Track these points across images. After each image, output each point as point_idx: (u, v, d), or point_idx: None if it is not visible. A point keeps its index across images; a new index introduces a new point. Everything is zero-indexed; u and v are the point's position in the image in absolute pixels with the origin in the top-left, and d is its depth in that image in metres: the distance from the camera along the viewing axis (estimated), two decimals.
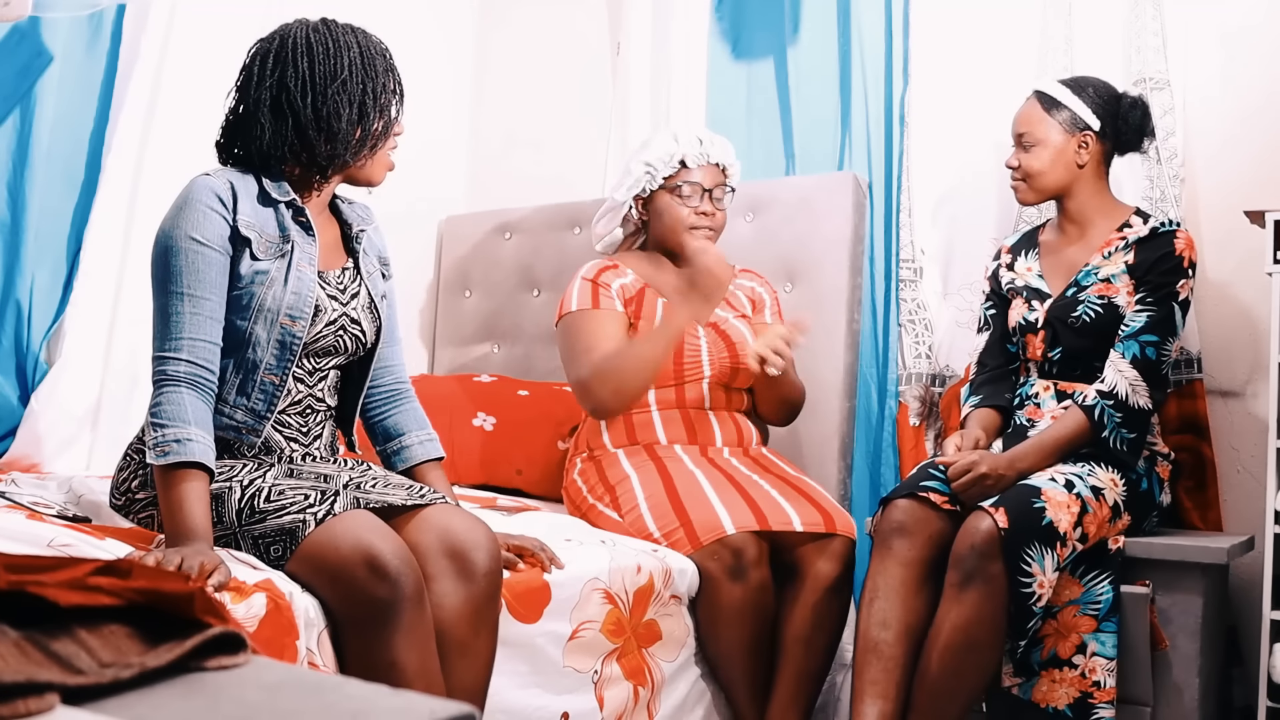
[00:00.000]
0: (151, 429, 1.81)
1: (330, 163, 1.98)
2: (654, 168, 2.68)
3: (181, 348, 1.85)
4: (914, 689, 2.22)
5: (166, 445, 1.79)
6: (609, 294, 2.66)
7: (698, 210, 2.67)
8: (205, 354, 1.87)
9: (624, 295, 2.67)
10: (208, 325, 1.87)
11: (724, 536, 2.32)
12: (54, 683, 0.77)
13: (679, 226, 2.68)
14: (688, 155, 2.67)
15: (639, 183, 2.70)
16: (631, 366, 2.52)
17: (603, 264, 2.73)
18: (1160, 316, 2.36)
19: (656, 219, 2.72)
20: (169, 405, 1.82)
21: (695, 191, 2.67)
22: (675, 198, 2.68)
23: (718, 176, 2.71)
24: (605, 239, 2.84)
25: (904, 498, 2.33)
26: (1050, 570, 2.15)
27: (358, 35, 1.99)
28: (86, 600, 0.89)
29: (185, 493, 1.78)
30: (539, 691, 2.05)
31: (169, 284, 1.87)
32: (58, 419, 2.81)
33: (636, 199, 2.74)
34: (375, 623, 1.71)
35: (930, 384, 3.00)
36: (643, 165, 2.69)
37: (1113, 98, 2.49)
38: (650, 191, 2.71)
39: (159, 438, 1.80)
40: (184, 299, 1.86)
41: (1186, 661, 2.31)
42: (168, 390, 1.84)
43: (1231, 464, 2.70)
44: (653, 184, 2.69)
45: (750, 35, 3.41)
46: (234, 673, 0.90)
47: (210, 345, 1.88)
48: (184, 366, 1.84)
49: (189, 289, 1.86)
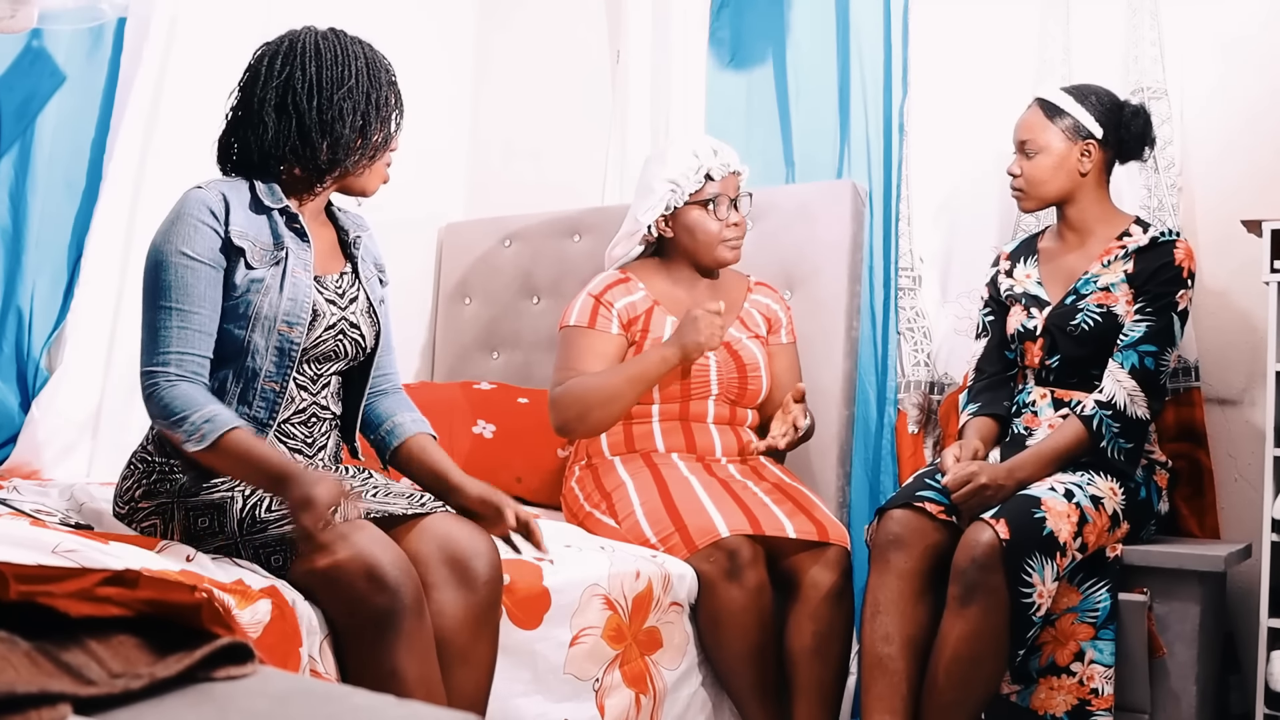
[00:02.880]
0: (174, 426, 1.81)
1: (330, 167, 1.98)
2: (678, 185, 2.66)
3: (169, 361, 1.85)
4: (922, 703, 2.24)
5: (199, 430, 1.80)
6: (609, 314, 2.66)
7: (728, 222, 2.67)
8: (194, 367, 1.87)
9: (628, 315, 2.67)
10: (196, 339, 1.87)
11: (718, 539, 2.33)
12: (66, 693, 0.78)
13: (714, 240, 2.68)
14: (711, 168, 2.66)
15: (663, 200, 2.67)
16: (596, 396, 2.56)
17: (614, 278, 2.73)
18: (1159, 327, 2.37)
19: (687, 235, 2.70)
20: (176, 399, 1.82)
21: (723, 203, 2.67)
22: (704, 212, 2.67)
23: (736, 184, 2.71)
24: (620, 261, 2.84)
25: (900, 508, 2.34)
26: (1050, 580, 2.16)
27: (364, 47, 2.01)
28: (96, 611, 0.90)
29: (247, 450, 1.80)
30: (540, 699, 2.06)
31: (157, 299, 1.88)
32: (58, 426, 2.81)
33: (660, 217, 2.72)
34: (375, 632, 1.72)
35: (929, 391, 3.01)
36: (667, 184, 2.66)
37: (1115, 106, 2.50)
38: (675, 208, 2.70)
39: (187, 428, 1.80)
40: (172, 313, 1.87)
41: (1184, 669, 2.32)
42: (164, 388, 1.84)
43: (1229, 472, 2.70)
44: (679, 201, 2.67)
45: (749, 43, 3.42)
46: (242, 683, 0.90)
47: (199, 359, 1.88)
48: (173, 375, 1.85)
49: (177, 303, 1.87)
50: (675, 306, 2.71)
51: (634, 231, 2.77)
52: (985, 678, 2.21)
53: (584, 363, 2.61)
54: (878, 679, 2.26)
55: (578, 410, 2.57)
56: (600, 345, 2.64)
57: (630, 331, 2.67)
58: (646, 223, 2.71)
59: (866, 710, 2.27)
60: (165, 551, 1.80)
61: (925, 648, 2.26)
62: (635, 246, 2.79)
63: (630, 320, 2.67)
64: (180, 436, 1.81)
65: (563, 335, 2.69)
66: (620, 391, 2.56)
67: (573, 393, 2.58)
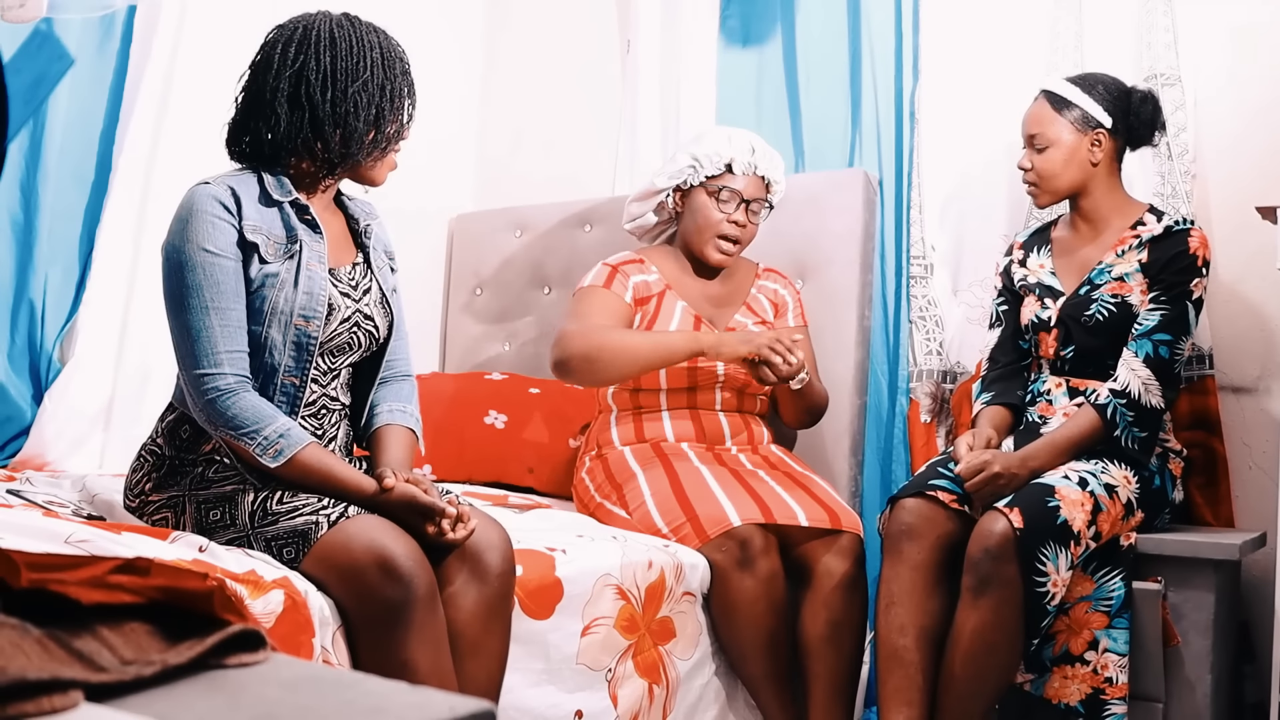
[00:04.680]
0: (244, 439, 1.82)
1: (343, 160, 1.97)
2: (699, 163, 2.65)
3: (221, 362, 1.84)
4: (939, 693, 2.23)
5: (274, 444, 1.81)
6: (624, 283, 2.67)
7: (730, 218, 2.65)
8: (243, 365, 1.87)
9: (641, 292, 2.67)
10: (238, 335, 1.87)
11: (730, 529, 2.32)
12: (78, 680, 0.77)
13: (708, 229, 2.66)
14: (736, 160, 2.64)
15: (681, 173, 2.67)
16: (613, 345, 2.50)
17: (630, 257, 2.73)
18: (1174, 315, 2.35)
19: (689, 215, 2.70)
20: (245, 410, 1.83)
21: (733, 199, 2.65)
22: (712, 199, 2.66)
23: (760, 190, 2.68)
24: (637, 220, 2.83)
25: (912, 497, 2.33)
26: (1064, 569, 2.15)
27: (379, 35, 1.98)
28: (107, 598, 0.90)
29: (317, 466, 1.83)
30: (552, 689, 2.05)
31: (189, 299, 1.85)
32: (70, 418, 2.81)
33: (675, 190, 2.72)
34: (388, 623, 1.71)
35: (941, 381, 3.00)
36: (689, 157, 2.66)
37: (1123, 93, 2.48)
38: (690, 186, 2.69)
39: (261, 442, 1.81)
40: (209, 312, 1.85)
41: (1199, 658, 2.31)
42: (229, 398, 1.83)
43: (1243, 460, 2.69)
44: (695, 179, 2.66)
45: (759, 32, 3.41)
46: (254, 670, 0.90)
47: (244, 355, 1.88)
48: (231, 378, 1.84)
49: (212, 302, 1.85)
50: (685, 293, 2.71)
51: (651, 193, 2.76)
52: (1000, 667, 2.20)
53: (595, 315, 2.60)
54: (893, 670, 2.26)
55: (587, 350, 2.49)
56: (613, 303, 2.63)
57: (642, 309, 2.66)
58: (660, 186, 2.71)
59: (883, 702, 2.27)
60: (178, 542, 1.80)
61: (940, 638, 2.26)
62: (650, 213, 2.79)
63: (643, 298, 2.67)
64: (252, 450, 1.82)
65: (576, 294, 2.70)
66: (636, 348, 2.50)
67: (590, 334, 2.52)
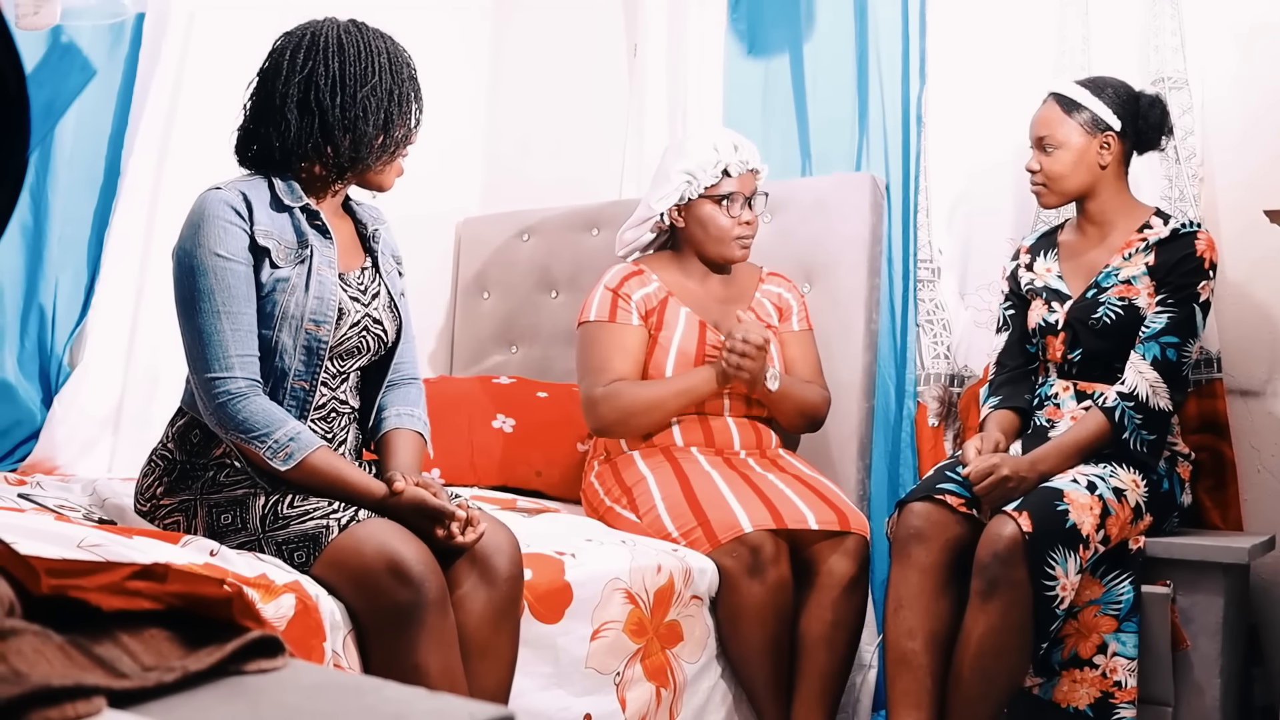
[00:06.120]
0: (254, 442, 1.83)
1: (352, 165, 1.98)
2: (695, 177, 2.65)
3: (233, 366, 1.85)
4: (948, 697, 2.24)
5: (284, 448, 1.83)
6: (628, 306, 2.66)
7: (740, 220, 2.67)
8: (254, 369, 1.88)
9: (645, 306, 2.67)
10: (249, 339, 1.88)
11: (742, 535, 2.33)
12: (100, 686, 0.78)
13: (725, 236, 2.67)
14: (730, 164, 2.65)
15: (678, 191, 2.67)
16: (643, 403, 2.59)
17: (628, 270, 2.73)
18: (1181, 318, 2.35)
19: (699, 228, 2.69)
20: (256, 414, 1.84)
21: (738, 200, 2.66)
22: (717, 207, 2.66)
23: (753, 182, 2.70)
24: (630, 246, 2.84)
25: (920, 501, 2.33)
26: (1073, 573, 2.15)
27: (386, 41, 1.99)
28: (127, 604, 0.90)
29: (327, 470, 1.85)
30: (561, 693, 2.06)
31: (200, 304, 1.86)
32: (80, 422, 2.82)
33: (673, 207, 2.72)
34: (399, 627, 1.72)
35: (949, 384, 3.00)
36: (682, 174, 2.66)
37: (1131, 97, 2.49)
38: (689, 199, 2.69)
39: (271, 445, 1.82)
40: (221, 317, 1.86)
41: (1207, 661, 2.31)
42: (240, 402, 1.84)
43: (1252, 463, 2.69)
44: (694, 193, 2.66)
45: (766, 35, 3.41)
46: (273, 676, 0.90)
47: (255, 359, 1.89)
48: (242, 382, 1.85)
49: (224, 306, 1.86)
50: (688, 298, 2.71)
51: (646, 218, 2.76)
52: (1009, 671, 2.20)
53: (613, 360, 2.61)
54: (902, 674, 2.26)
55: (620, 415, 2.59)
56: (622, 338, 2.64)
57: (648, 323, 2.67)
58: (659, 210, 2.70)
59: (892, 706, 2.27)
60: (189, 546, 1.81)
61: (948, 642, 2.26)
62: (647, 234, 2.79)
63: (647, 312, 2.67)
64: (263, 453, 1.83)
65: (583, 331, 2.69)
66: (663, 401, 2.59)
67: (620, 398, 2.58)
